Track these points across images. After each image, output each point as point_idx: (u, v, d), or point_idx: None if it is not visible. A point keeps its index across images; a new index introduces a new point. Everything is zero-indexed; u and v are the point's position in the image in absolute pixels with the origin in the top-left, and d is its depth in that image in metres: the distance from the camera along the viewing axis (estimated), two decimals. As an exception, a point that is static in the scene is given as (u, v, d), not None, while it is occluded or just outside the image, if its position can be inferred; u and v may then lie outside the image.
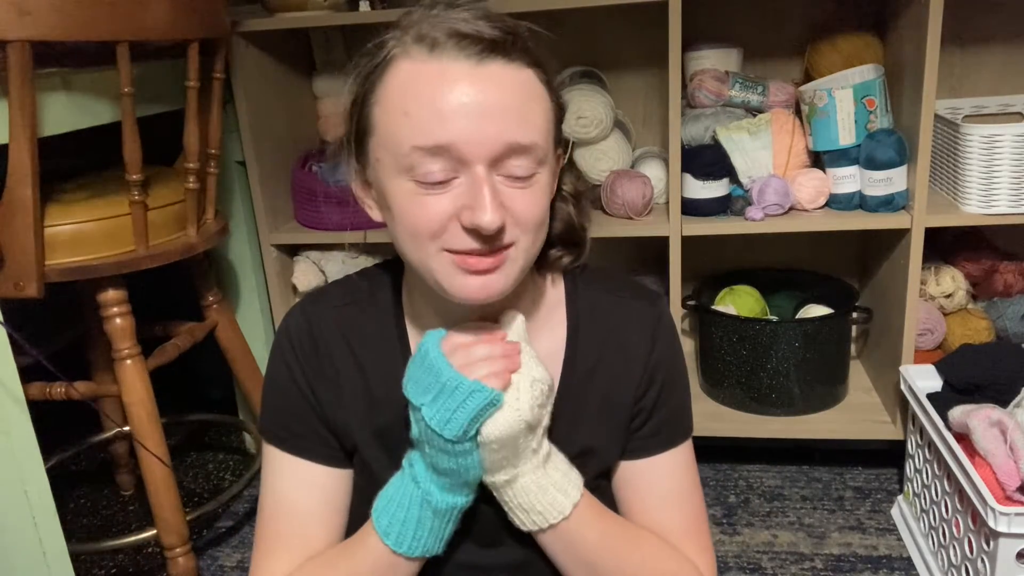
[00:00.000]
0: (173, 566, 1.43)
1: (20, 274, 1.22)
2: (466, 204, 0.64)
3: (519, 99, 0.65)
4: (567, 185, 0.78)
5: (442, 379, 0.65)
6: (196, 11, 1.32)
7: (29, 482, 1.19)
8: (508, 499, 0.71)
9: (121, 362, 1.37)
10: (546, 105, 0.68)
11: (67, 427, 1.85)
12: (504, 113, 0.63)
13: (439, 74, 0.63)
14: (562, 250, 0.79)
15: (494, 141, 0.63)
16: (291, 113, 1.86)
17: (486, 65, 0.63)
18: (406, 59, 0.65)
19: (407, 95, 0.64)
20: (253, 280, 1.87)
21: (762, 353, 1.68)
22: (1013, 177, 1.47)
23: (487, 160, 0.64)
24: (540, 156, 0.66)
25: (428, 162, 0.63)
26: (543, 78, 0.68)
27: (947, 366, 1.51)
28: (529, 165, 0.65)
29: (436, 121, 0.63)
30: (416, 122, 0.63)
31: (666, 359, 0.79)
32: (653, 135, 1.91)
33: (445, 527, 0.72)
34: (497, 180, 0.65)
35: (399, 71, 0.65)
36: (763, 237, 1.83)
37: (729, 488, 1.75)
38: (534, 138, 0.65)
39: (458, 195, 0.64)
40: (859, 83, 1.54)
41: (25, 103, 1.14)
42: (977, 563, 1.24)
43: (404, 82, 0.64)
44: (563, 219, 0.78)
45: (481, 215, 0.63)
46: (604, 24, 1.83)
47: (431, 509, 0.70)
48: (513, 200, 0.65)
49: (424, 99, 0.63)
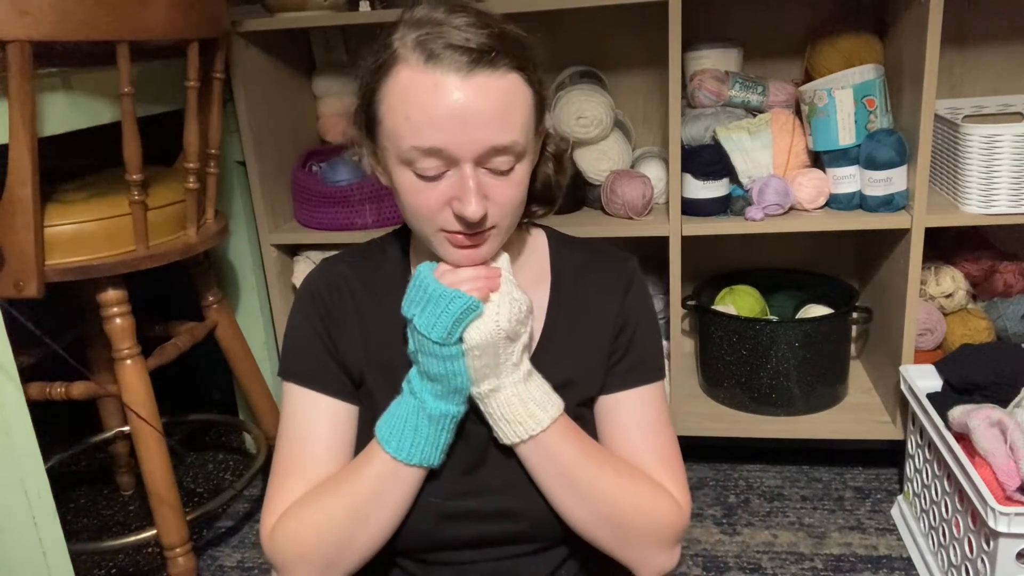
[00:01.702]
0: (173, 566, 1.43)
1: (20, 274, 1.22)
2: (456, 195, 0.77)
3: (501, 105, 0.76)
4: (551, 146, 0.90)
5: (429, 291, 0.79)
6: (196, 11, 1.32)
7: (29, 482, 1.19)
8: (492, 410, 0.81)
9: (121, 362, 1.37)
10: (528, 102, 0.79)
11: (67, 427, 1.85)
12: (488, 119, 0.75)
13: (433, 85, 0.74)
14: (539, 205, 0.92)
15: (479, 144, 0.75)
16: (291, 113, 1.86)
17: (473, 76, 0.74)
18: (406, 66, 0.76)
19: (408, 101, 0.75)
20: (253, 280, 1.87)
21: (762, 353, 1.68)
22: (1013, 177, 1.47)
23: (473, 159, 0.76)
24: (519, 151, 0.78)
25: (424, 159, 0.76)
26: (526, 76, 0.78)
27: (947, 366, 1.51)
28: (509, 160, 0.77)
29: (431, 127, 0.74)
30: (415, 126, 0.75)
31: (638, 303, 0.90)
32: (653, 135, 1.91)
33: (439, 435, 0.81)
34: (481, 173, 0.77)
35: (401, 76, 0.76)
36: (763, 237, 1.83)
37: (729, 488, 1.75)
38: (514, 138, 0.76)
39: (450, 187, 0.77)
40: (859, 83, 1.54)
41: (25, 103, 1.14)
42: (977, 563, 1.24)
43: (405, 88, 0.76)
44: (543, 180, 0.90)
45: (467, 207, 0.76)
46: (604, 24, 1.83)
47: (426, 416, 0.79)
48: (495, 189, 0.78)
49: (421, 107, 0.75)
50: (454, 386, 0.79)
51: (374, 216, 1.74)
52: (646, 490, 0.84)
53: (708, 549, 1.57)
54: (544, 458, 0.82)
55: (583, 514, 0.83)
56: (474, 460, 0.86)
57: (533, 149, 0.82)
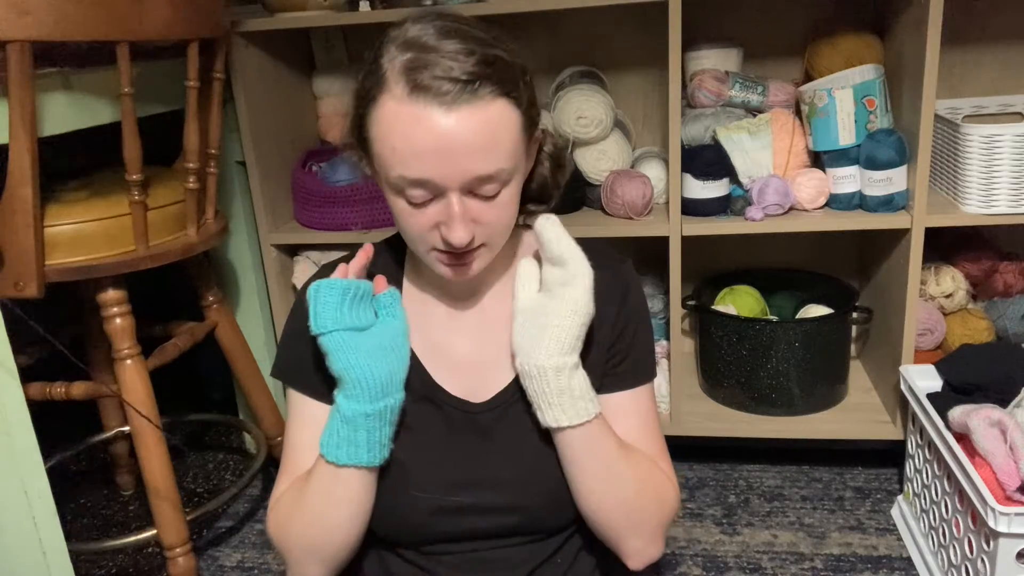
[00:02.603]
0: (173, 566, 1.43)
1: (20, 274, 1.22)
2: (443, 221, 0.79)
3: (486, 135, 0.76)
4: (548, 145, 0.91)
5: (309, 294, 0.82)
6: (196, 11, 1.32)
7: (29, 482, 1.19)
8: (562, 386, 0.82)
9: (121, 362, 1.37)
10: (515, 125, 0.79)
11: (67, 427, 1.85)
12: (472, 150, 0.76)
13: (416, 119, 0.75)
14: (536, 204, 0.94)
15: (463, 175, 0.76)
16: (291, 113, 1.86)
17: (457, 108, 0.75)
18: (391, 96, 0.76)
19: (393, 133, 0.77)
20: (253, 280, 1.87)
21: (762, 353, 1.68)
22: (1013, 177, 1.47)
23: (458, 188, 0.77)
24: (506, 177, 0.79)
25: (412, 188, 0.78)
26: (513, 100, 0.79)
27: (947, 366, 1.51)
28: (495, 187, 0.79)
29: (415, 159, 0.76)
30: (400, 157, 0.77)
31: (637, 307, 0.92)
32: (653, 135, 1.91)
33: (356, 433, 0.81)
34: (468, 200, 0.79)
35: (386, 106, 0.77)
36: (763, 237, 1.83)
37: (729, 488, 1.75)
38: (499, 165, 0.78)
39: (437, 212, 0.79)
40: (859, 83, 1.54)
41: (25, 103, 1.14)
42: (977, 563, 1.24)
43: (390, 119, 0.77)
44: (539, 181, 0.92)
45: (453, 234, 0.78)
46: (604, 24, 1.83)
47: (340, 416, 0.81)
48: (482, 213, 0.80)
49: (405, 139, 0.76)
50: (354, 379, 0.80)
51: (374, 216, 1.74)
52: (659, 478, 0.88)
53: (708, 549, 1.57)
54: (591, 444, 0.83)
55: (608, 500, 0.85)
56: (469, 455, 0.87)
57: (523, 164, 0.84)
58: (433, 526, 0.87)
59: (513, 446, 0.87)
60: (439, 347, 0.91)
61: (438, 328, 0.91)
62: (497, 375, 0.89)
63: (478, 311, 0.92)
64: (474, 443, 0.88)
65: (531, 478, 0.87)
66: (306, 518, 0.85)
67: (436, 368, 0.90)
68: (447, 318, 0.92)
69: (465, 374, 0.90)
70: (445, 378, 0.89)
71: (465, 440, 0.88)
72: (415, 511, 0.86)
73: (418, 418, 0.88)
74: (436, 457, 0.87)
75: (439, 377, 0.89)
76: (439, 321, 0.92)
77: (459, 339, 0.91)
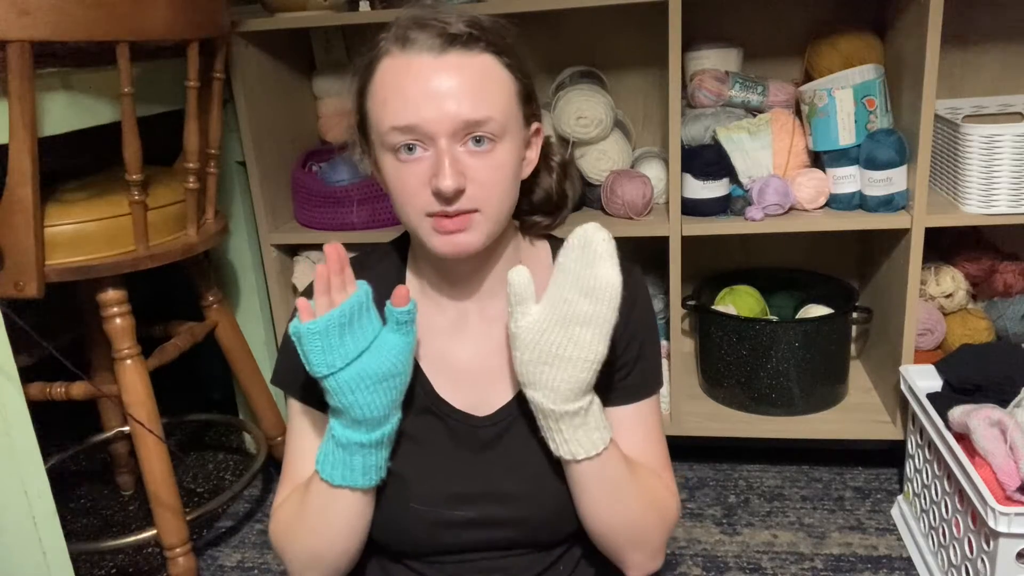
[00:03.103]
0: (173, 566, 1.43)
1: (20, 274, 1.22)
2: (433, 172, 0.77)
3: (474, 81, 0.77)
4: (555, 156, 0.91)
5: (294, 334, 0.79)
6: (196, 11, 1.32)
7: (29, 482, 1.19)
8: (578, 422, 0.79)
9: (121, 362, 1.37)
10: (506, 85, 0.80)
11: (67, 427, 1.85)
12: (459, 95, 0.76)
13: (406, 66, 0.77)
14: (542, 216, 0.92)
15: (452, 119, 0.76)
16: (291, 113, 1.86)
17: (445, 55, 0.76)
18: (387, 57, 0.79)
19: (385, 86, 0.78)
20: (253, 280, 1.87)
21: (762, 353, 1.68)
22: (1013, 177, 1.47)
23: (447, 134, 0.76)
24: (496, 129, 0.78)
25: (402, 137, 0.77)
26: (504, 62, 0.80)
27: (947, 366, 1.51)
28: (486, 132, 0.78)
29: (405, 105, 0.76)
30: (391, 107, 0.77)
31: (644, 317, 0.90)
32: (653, 135, 1.91)
33: (352, 459, 0.80)
34: (461, 151, 0.78)
35: (382, 67, 0.79)
36: (763, 237, 1.83)
37: (729, 488, 1.75)
38: (488, 113, 0.77)
39: (429, 165, 0.78)
40: (859, 83, 1.54)
41: (25, 103, 1.14)
42: (977, 563, 1.24)
43: (384, 76, 0.79)
44: (544, 189, 0.91)
45: (441, 180, 0.76)
46: (604, 24, 1.83)
47: (335, 442, 0.80)
48: (474, 169, 0.78)
49: (396, 88, 0.77)
50: (354, 417, 0.78)
51: (374, 216, 1.74)
52: (662, 495, 0.88)
53: (708, 549, 1.57)
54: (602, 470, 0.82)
55: (614, 520, 0.85)
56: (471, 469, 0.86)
57: (519, 137, 0.83)
58: (435, 538, 0.87)
59: (516, 461, 0.86)
60: (442, 356, 0.89)
61: (441, 335, 0.89)
62: (500, 388, 0.88)
63: (482, 317, 0.90)
64: (476, 457, 0.87)
65: (534, 493, 0.86)
66: (305, 528, 0.85)
67: (439, 379, 0.88)
68: (450, 324, 0.90)
69: (468, 386, 0.88)
70: (448, 390, 0.88)
71: (467, 453, 0.87)
72: (417, 524, 0.86)
73: (420, 430, 0.87)
74: (438, 470, 0.86)
75: (442, 389, 0.88)
76: (442, 327, 0.90)
77: (463, 347, 0.89)
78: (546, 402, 0.78)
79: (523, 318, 0.79)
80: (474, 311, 0.90)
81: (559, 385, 0.78)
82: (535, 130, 0.87)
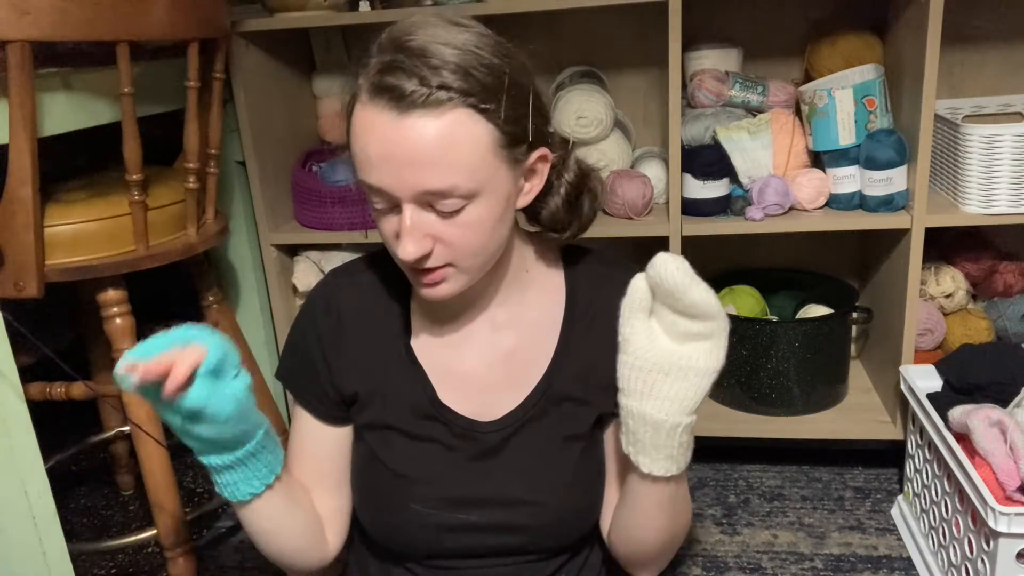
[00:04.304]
0: (173, 566, 1.43)
1: (20, 274, 1.22)
2: (399, 233, 0.75)
3: (436, 149, 0.71)
4: (568, 174, 0.86)
5: None
6: (196, 11, 1.32)
7: (29, 482, 1.19)
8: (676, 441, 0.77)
9: (121, 362, 1.37)
10: (479, 140, 0.73)
11: (67, 427, 1.85)
12: (419, 164, 0.72)
13: (371, 123, 0.73)
14: (550, 231, 0.89)
15: (412, 188, 0.73)
16: (291, 113, 1.86)
17: (406, 117, 0.71)
18: (359, 100, 0.75)
19: (355, 137, 0.76)
20: (253, 280, 1.87)
21: (762, 353, 1.68)
22: (1013, 177, 1.47)
23: (411, 200, 0.74)
24: (464, 192, 0.74)
25: (373, 195, 0.76)
26: (483, 110, 0.73)
27: (947, 366, 1.51)
28: (453, 203, 0.74)
29: (368, 165, 0.74)
30: (360, 162, 0.76)
31: None
32: (653, 135, 1.91)
33: (221, 475, 0.81)
34: (427, 215, 0.75)
35: (356, 109, 0.76)
36: (763, 237, 1.83)
37: (729, 488, 1.75)
38: (452, 181, 0.72)
39: (398, 222, 0.76)
40: (859, 83, 1.54)
41: (25, 103, 1.14)
42: (977, 563, 1.24)
43: (356, 123, 0.76)
44: (551, 210, 0.87)
45: (401, 248, 0.75)
46: (604, 24, 1.83)
47: (207, 466, 0.81)
48: (442, 231, 0.75)
49: (361, 144, 0.75)
50: (197, 442, 0.78)
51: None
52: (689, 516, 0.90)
53: (708, 549, 1.57)
54: (677, 491, 0.82)
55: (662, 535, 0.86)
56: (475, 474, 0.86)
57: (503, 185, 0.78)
58: (436, 541, 0.86)
59: (520, 467, 0.86)
60: (447, 362, 0.88)
61: (446, 341, 0.89)
62: (506, 395, 0.87)
63: (487, 322, 0.89)
64: (479, 462, 0.86)
65: (538, 500, 0.85)
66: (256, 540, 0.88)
67: (443, 385, 0.87)
68: (455, 330, 0.89)
69: (473, 392, 0.88)
70: (452, 396, 0.87)
71: (470, 458, 0.86)
72: (417, 525, 0.86)
73: (423, 434, 0.87)
74: (439, 473, 0.86)
75: (446, 396, 0.87)
76: (447, 332, 0.89)
77: (468, 354, 0.88)
78: (659, 414, 0.75)
79: (638, 323, 0.77)
80: (482, 319, 0.89)
81: (678, 394, 0.75)
82: (538, 157, 0.81)
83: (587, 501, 0.89)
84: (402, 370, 0.87)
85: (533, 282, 0.89)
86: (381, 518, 0.87)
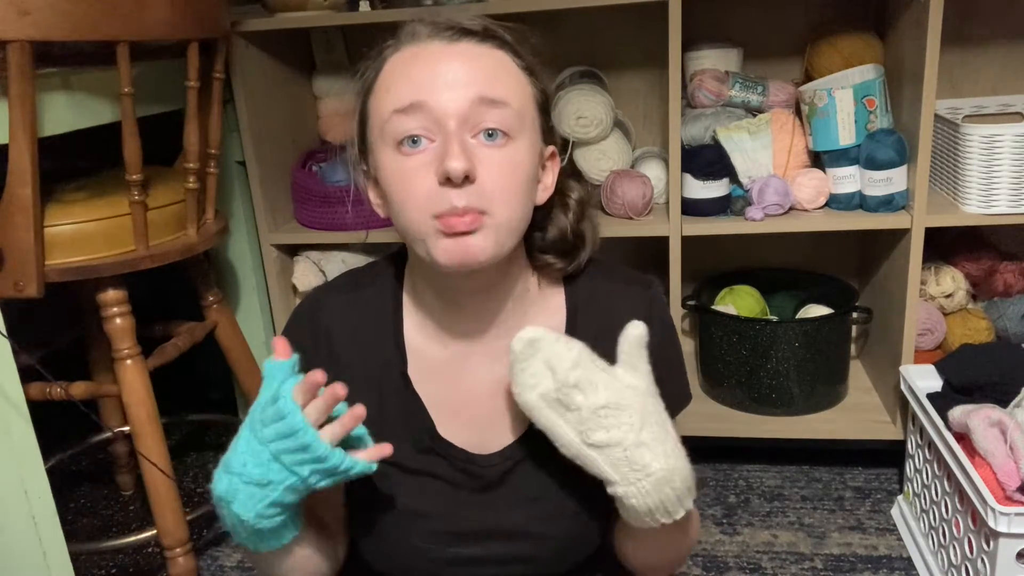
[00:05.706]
0: (173, 566, 1.43)
1: (20, 274, 1.22)
2: (440, 157, 0.70)
3: (489, 67, 0.72)
4: (574, 192, 0.84)
5: None
6: (196, 11, 1.32)
7: (29, 482, 1.19)
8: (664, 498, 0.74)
9: (121, 362, 1.37)
10: (523, 83, 0.75)
11: (67, 427, 1.85)
12: (473, 75, 0.71)
13: (414, 55, 0.72)
14: (555, 257, 0.84)
15: (463, 96, 0.70)
16: (291, 113, 1.86)
17: (457, 43, 0.72)
18: (394, 53, 0.74)
19: (390, 76, 0.73)
20: (253, 280, 1.87)
21: (762, 353, 1.68)
22: (1013, 177, 1.47)
23: (458, 117, 0.70)
24: (512, 119, 0.72)
25: (405, 121, 0.71)
26: (519, 63, 0.75)
27: (947, 366, 1.51)
28: (501, 120, 0.71)
29: (409, 85, 0.71)
30: (394, 91, 0.72)
31: (662, 341, 0.83)
32: (653, 135, 1.91)
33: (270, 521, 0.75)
34: (472, 142, 0.71)
35: (388, 63, 0.74)
36: (763, 237, 1.83)
37: (729, 488, 1.75)
38: (504, 95, 0.72)
39: (434, 155, 0.71)
40: (859, 83, 1.54)
41: (25, 103, 1.14)
42: (977, 563, 1.24)
43: (389, 70, 0.74)
44: (559, 227, 0.83)
45: (449, 161, 0.68)
46: (604, 24, 1.83)
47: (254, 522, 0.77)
48: (487, 163, 0.71)
49: (402, 74, 0.72)
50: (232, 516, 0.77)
51: (374, 216, 1.73)
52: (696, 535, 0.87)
53: (708, 549, 1.57)
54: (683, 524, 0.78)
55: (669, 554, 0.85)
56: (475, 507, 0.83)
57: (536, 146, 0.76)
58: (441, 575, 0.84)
59: (522, 498, 0.83)
60: (445, 392, 0.84)
61: (443, 372, 0.84)
62: (505, 426, 0.83)
63: (486, 354, 0.83)
64: (481, 496, 0.83)
65: (542, 530, 0.83)
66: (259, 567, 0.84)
67: (441, 416, 0.83)
68: (453, 361, 0.84)
69: (472, 424, 0.83)
70: (451, 429, 0.83)
71: (472, 492, 0.83)
72: (420, 561, 0.83)
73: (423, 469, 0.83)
74: (441, 509, 0.83)
75: (445, 428, 0.83)
76: (445, 359, 0.84)
77: (466, 382, 0.84)
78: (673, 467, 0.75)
79: (554, 416, 0.73)
80: (478, 347, 0.84)
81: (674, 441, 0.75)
82: (551, 153, 0.80)
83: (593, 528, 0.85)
84: (400, 401, 0.83)
85: (533, 305, 0.85)
86: (381, 551, 0.83)
